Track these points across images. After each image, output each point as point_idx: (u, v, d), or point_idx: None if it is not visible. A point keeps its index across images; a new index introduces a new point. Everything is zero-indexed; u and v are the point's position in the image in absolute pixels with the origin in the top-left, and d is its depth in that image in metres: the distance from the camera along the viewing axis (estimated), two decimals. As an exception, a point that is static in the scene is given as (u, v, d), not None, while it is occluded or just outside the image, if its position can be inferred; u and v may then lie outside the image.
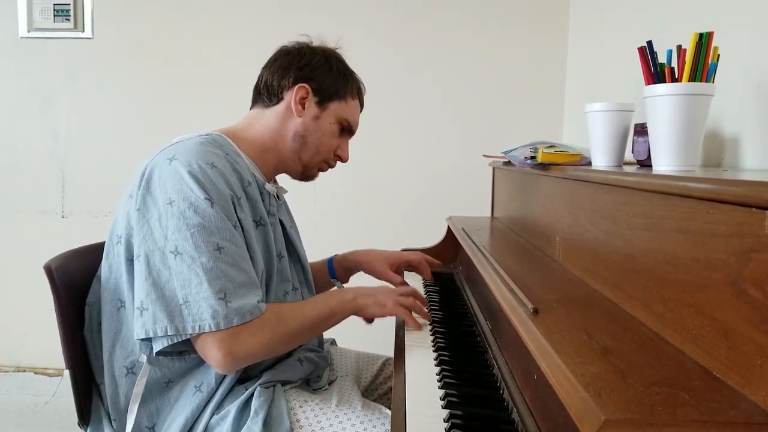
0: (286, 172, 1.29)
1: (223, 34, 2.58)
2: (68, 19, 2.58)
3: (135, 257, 1.02)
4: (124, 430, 1.06)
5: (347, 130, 1.28)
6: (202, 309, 0.96)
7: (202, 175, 1.02)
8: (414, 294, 1.26)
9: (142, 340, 1.00)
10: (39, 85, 2.65)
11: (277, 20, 2.53)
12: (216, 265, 0.98)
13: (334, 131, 1.25)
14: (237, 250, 1.02)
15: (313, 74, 1.22)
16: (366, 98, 1.37)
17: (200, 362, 1.05)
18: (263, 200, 1.18)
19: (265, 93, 1.24)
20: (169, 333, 0.96)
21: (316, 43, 1.28)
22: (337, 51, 1.30)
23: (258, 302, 1.01)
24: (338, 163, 1.32)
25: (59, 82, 2.65)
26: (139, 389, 1.05)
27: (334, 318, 1.13)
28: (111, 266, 1.09)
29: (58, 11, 2.57)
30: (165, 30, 2.60)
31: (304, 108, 1.22)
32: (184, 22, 2.59)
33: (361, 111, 1.33)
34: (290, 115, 1.22)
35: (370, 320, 1.24)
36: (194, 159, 1.04)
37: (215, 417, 1.05)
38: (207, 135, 1.15)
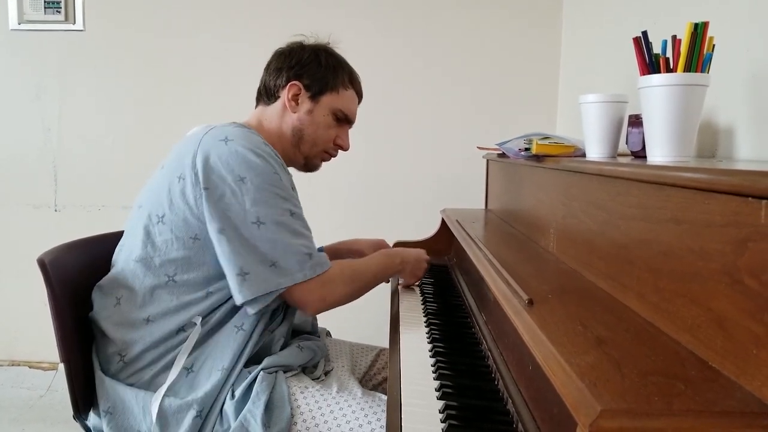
0: (291, 166, 1.36)
1: (216, 25, 2.55)
2: (59, 11, 2.55)
3: (218, 231, 1.09)
4: (158, 381, 1.11)
5: (344, 119, 1.34)
6: (291, 264, 1.10)
7: (264, 152, 1.13)
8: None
9: (248, 302, 1.09)
10: (30, 78, 2.62)
11: (272, 11, 2.51)
12: (294, 228, 1.13)
13: (329, 122, 1.32)
14: (301, 213, 1.17)
15: (302, 71, 1.30)
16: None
17: (237, 309, 1.15)
18: None
19: (264, 94, 1.34)
20: (271, 290, 1.08)
21: (310, 40, 1.35)
22: (329, 45, 1.36)
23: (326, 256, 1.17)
24: (341, 152, 1.40)
25: (51, 75, 2.62)
26: (189, 344, 1.12)
27: (386, 276, 1.35)
28: (154, 244, 1.14)
29: (48, 3, 2.54)
30: (157, 22, 2.57)
31: (297, 104, 1.30)
32: (177, 13, 2.56)
33: (360, 99, 1.40)
34: (286, 112, 1.31)
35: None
36: (248, 140, 1.14)
37: (227, 398, 1.09)
38: (235, 123, 1.24)
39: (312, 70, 1.30)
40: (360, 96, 1.39)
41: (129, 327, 1.13)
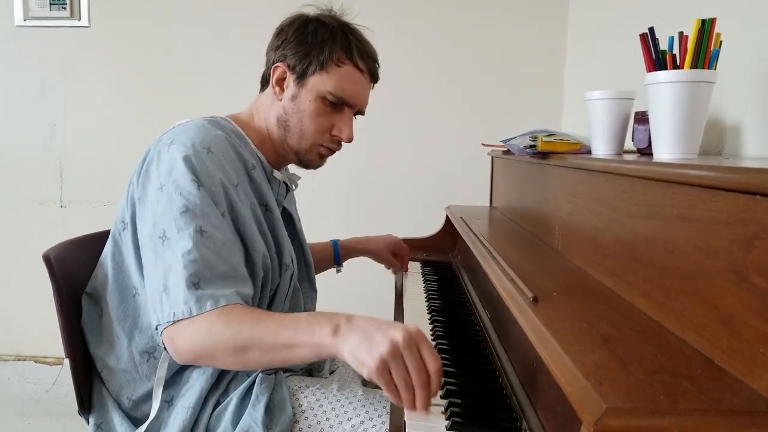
0: (286, 162, 1.22)
1: (222, 21, 2.56)
2: (64, 8, 2.56)
3: (141, 246, 1.00)
4: (139, 412, 1.07)
5: (341, 104, 1.12)
6: (177, 295, 0.89)
7: (196, 159, 0.97)
8: (423, 353, 0.78)
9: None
10: (36, 75, 2.63)
11: (279, 8, 2.50)
12: (195, 248, 0.91)
13: (317, 109, 1.11)
14: (222, 238, 0.95)
15: (286, 50, 1.12)
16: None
17: None
18: (272, 187, 1.15)
19: (262, 78, 1.20)
20: (158, 323, 0.91)
21: (316, 11, 1.17)
22: (333, 13, 1.17)
23: (236, 292, 0.90)
24: (345, 145, 1.19)
25: (56, 72, 2.63)
26: (161, 373, 1.05)
27: (296, 356, 0.84)
28: (121, 253, 1.08)
29: (54, 0, 2.55)
30: (162, 18, 2.58)
31: (283, 90, 1.13)
32: (182, 9, 2.57)
33: (371, 77, 1.17)
34: (274, 100, 1.14)
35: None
36: (191, 142, 0.99)
37: (219, 406, 1.05)
38: (211, 117, 1.12)
39: (295, 47, 1.10)
40: (369, 73, 1.15)
41: (106, 342, 1.09)
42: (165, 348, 0.92)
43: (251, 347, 0.85)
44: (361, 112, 1.19)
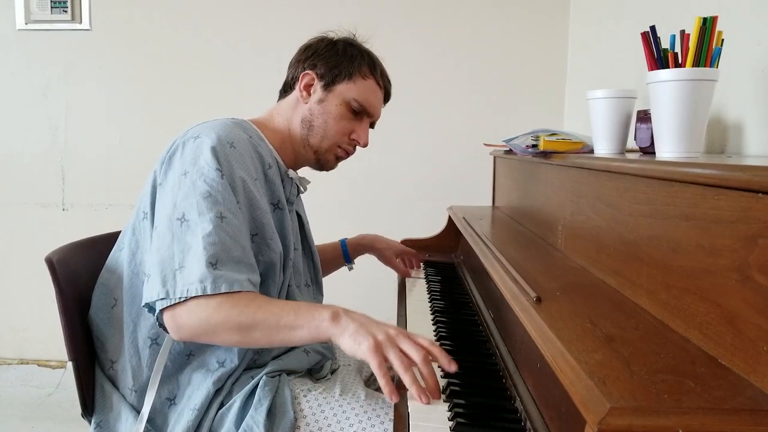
0: (302, 164, 1.30)
1: (224, 22, 2.56)
2: (65, 11, 2.56)
3: (154, 227, 1.05)
4: (143, 404, 1.08)
5: (361, 112, 1.25)
6: (193, 273, 0.95)
7: (220, 149, 1.05)
8: (423, 348, 0.90)
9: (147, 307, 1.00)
10: (37, 78, 2.64)
11: (280, 11, 2.51)
12: (215, 231, 0.98)
13: (341, 113, 1.23)
14: (238, 225, 1.02)
15: (317, 60, 1.24)
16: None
17: None
18: (284, 186, 1.22)
19: (283, 87, 1.30)
20: (161, 297, 0.95)
21: (337, 34, 1.30)
22: (355, 38, 1.31)
23: (248, 280, 0.99)
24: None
25: (58, 75, 2.63)
26: (162, 360, 1.07)
27: (296, 337, 0.96)
28: (138, 242, 1.12)
29: (55, 3, 2.55)
30: (163, 20, 2.58)
31: (310, 94, 1.24)
32: (184, 11, 2.57)
33: (386, 95, 1.33)
34: (299, 103, 1.25)
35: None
36: (216, 135, 1.07)
37: (223, 408, 1.06)
38: (233, 119, 1.19)
39: (326, 58, 1.23)
40: (384, 90, 1.31)
41: (116, 334, 1.11)
42: (162, 325, 0.98)
43: (254, 327, 0.95)
44: (372, 125, 1.32)
